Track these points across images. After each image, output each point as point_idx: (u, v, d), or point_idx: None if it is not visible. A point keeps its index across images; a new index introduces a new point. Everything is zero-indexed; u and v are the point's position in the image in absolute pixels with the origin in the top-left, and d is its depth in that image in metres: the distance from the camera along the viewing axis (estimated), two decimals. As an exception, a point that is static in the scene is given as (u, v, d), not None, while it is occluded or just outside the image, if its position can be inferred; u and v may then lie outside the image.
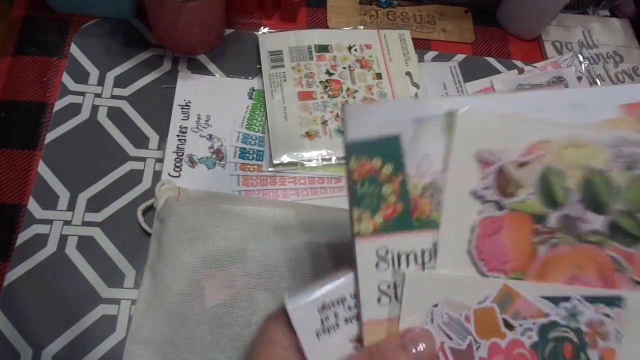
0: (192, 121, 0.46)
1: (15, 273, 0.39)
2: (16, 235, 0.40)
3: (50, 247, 0.40)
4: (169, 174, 0.44)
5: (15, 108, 0.45)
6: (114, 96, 0.47)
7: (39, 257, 0.40)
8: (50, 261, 0.40)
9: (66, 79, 0.47)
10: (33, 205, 0.41)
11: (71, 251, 0.40)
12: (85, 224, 0.41)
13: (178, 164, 0.44)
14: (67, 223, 0.41)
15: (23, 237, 0.40)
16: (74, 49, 0.48)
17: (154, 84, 0.48)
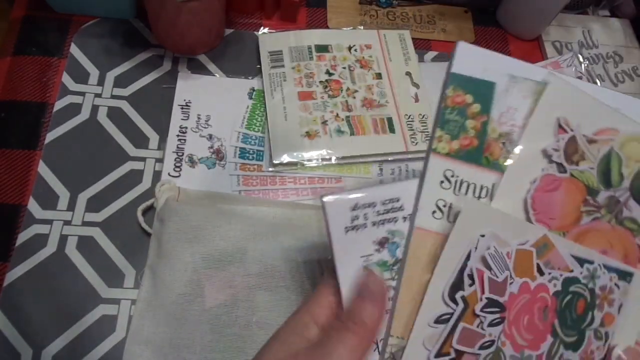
0: (192, 121, 0.46)
1: (15, 273, 0.39)
2: (16, 235, 0.40)
3: (50, 247, 0.40)
4: (169, 174, 0.44)
5: (15, 108, 0.45)
6: (114, 96, 0.47)
7: (39, 257, 0.40)
8: (50, 261, 0.40)
9: (66, 79, 0.47)
10: (33, 205, 0.41)
11: (71, 251, 0.40)
12: (85, 224, 0.41)
13: (178, 164, 0.44)
14: (67, 223, 0.41)
15: (23, 237, 0.40)
16: (74, 49, 0.48)
17: (154, 84, 0.48)
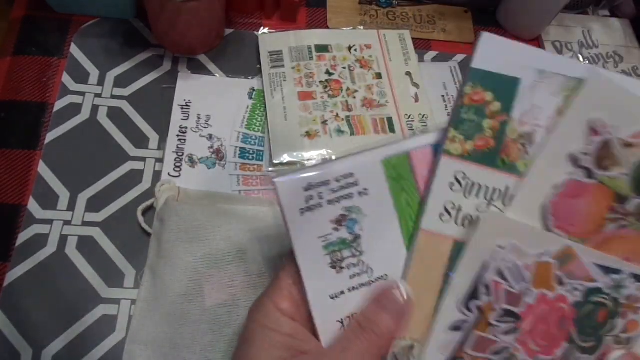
0: (192, 121, 0.46)
1: (15, 273, 0.39)
2: (16, 235, 0.40)
3: (50, 247, 0.40)
4: (169, 174, 0.44)
5: (15, 108, 0.45)
6: (114, 96, 0.47)
7: (39, 257, 0.40)
8: (50, 261, 0.40)
9: (66, 79, 0.47)
10: (33, 205, 0.41)
11: (71, 251, 0.40)
12: (85, 224, 0.41)
13: (178, 164, 0.44)
14: (67, 223, 0.41)
15: (23, 237, 0.40)
16: (74, 49, 0.48)
17: (154, 84, 0.48)
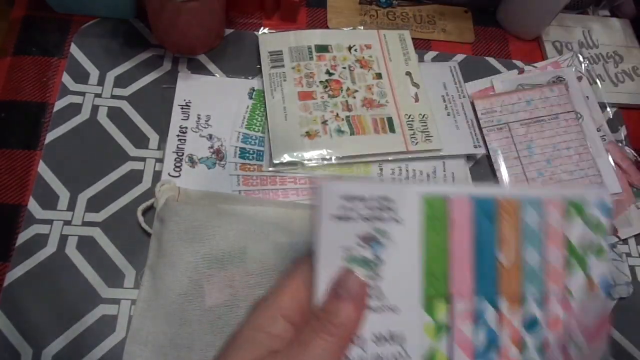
0: (192, 121, 0.46)
1: (15, 273, 0.39)
2: (16, 235, 0.40)
3: (50, 247, 0.40)
4: (169, 174, 0.44)
5: (15, 108, 0.45)
6: (114, 96, 0.47)
7: (39, 257, 0.40)
8: (50, 261, 0.40)
9: (66, 79, 0.47)
10: (33, 205, 0.41)
11: (71, 251, 0.40)
12: (85, 224, 0.41)
13: (178, 164, 0.44)
14: (67, 223, 0.41)
15: (23, 237, 0.40)
16: (74, 49, 0.48)
17: (154, 84, 0.48)
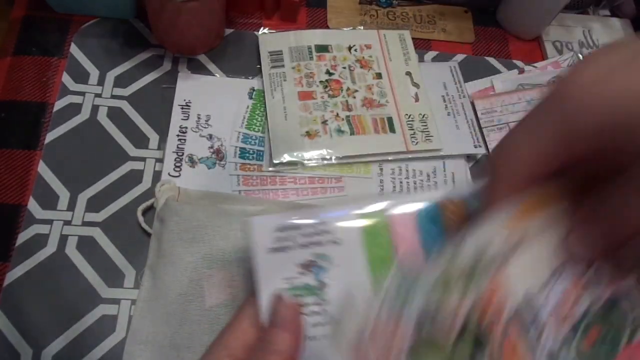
0: (192, 121, 0.46)
1: (15, 273, 0.39)
2: (16, 235, 0.40)
3: (50, 247, 0.40)
4: (169, 174, 0.44)
5: (15, 108, 0.45)
6: (114, 96, 0.47)
7: (39, 257, 0.40)
8: (50, 261, 0.40)
9: (66, 79, 0.47)
10: (33, 205, 0.41)
11: (71, 251, 0.40)
12: (85, 224, 0.41)
13: (178, 164, 0.44)
14: (67, 223, 0.41)
15: (23, 237, 0.40)
16: (74, 49, 0.48)
17: (154, 84, 0.48)
